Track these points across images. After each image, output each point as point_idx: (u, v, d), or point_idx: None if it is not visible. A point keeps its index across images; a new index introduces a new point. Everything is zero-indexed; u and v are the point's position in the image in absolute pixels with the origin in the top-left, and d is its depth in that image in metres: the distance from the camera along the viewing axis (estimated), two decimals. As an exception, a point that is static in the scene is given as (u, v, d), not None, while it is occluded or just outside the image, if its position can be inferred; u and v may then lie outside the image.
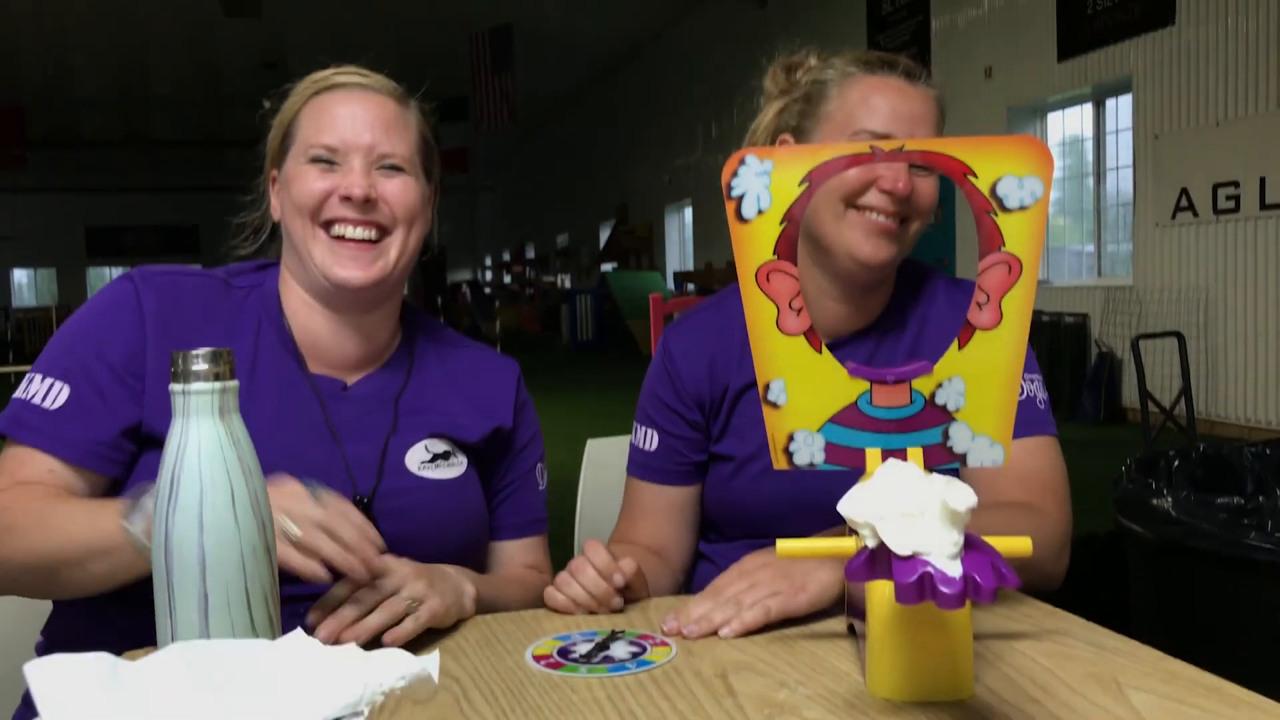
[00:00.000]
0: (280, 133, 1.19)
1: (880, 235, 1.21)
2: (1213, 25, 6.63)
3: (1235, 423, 6.63)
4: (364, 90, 1.17)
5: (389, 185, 1.15)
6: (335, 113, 1.15)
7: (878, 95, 1.22)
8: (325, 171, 1.13)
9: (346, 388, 1.19)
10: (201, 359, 0.70)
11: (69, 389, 1.09)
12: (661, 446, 1.34)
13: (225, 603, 0.71)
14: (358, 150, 1.14)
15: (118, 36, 15.54)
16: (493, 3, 13.63)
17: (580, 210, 22.77)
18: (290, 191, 1.15)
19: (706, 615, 0.98)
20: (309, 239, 1.14)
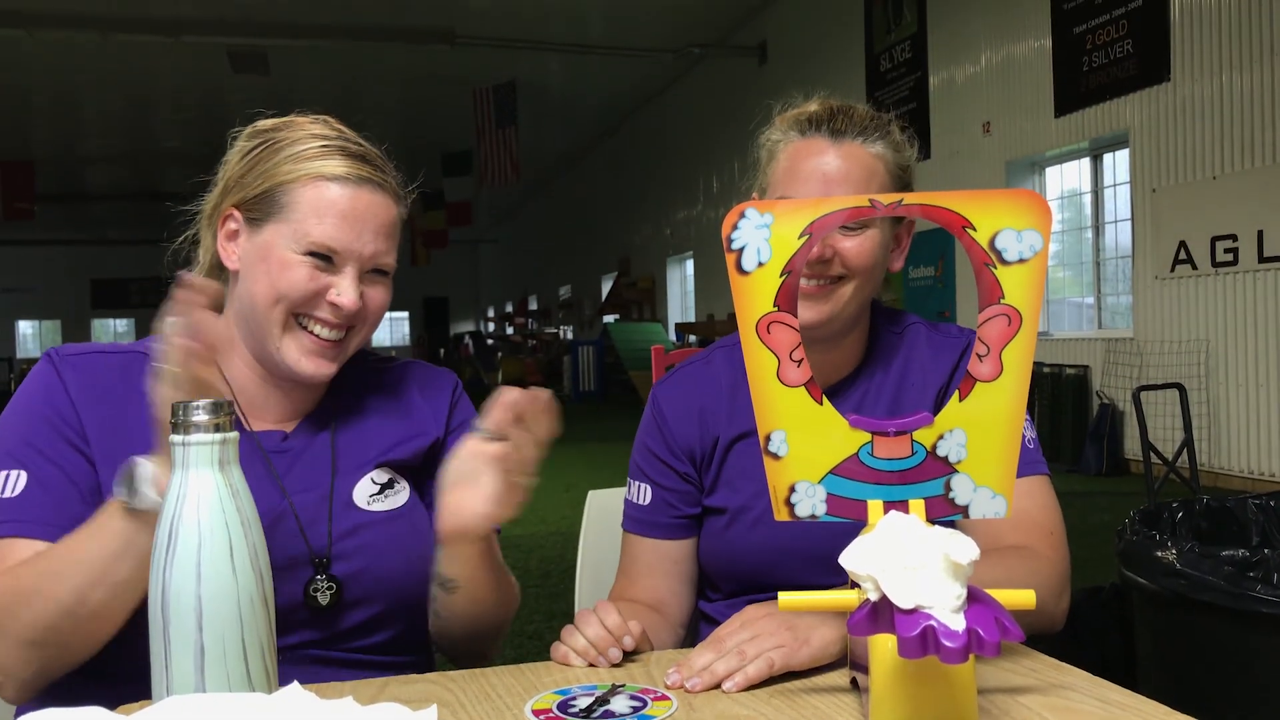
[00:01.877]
0: (262, 186, 1.13)
1: (805, 298, 1.20)
2: (1207, 81, 6.71)
3: (1238, 474, 6.60)
4: (372, 189, 1.13)
5: (373, 293, 1.14)
6: (341, 211, 1.10)
7: (799, 160, 1.24)
8: (318, 269, 1.10)
9: (286, 437, 1.18)
10: (202, 410, 0.71)
11: (25, 473, 1.07)
12: (655, 500, 1.34)
13: (222, 655, 0.70)
14: (357, 258, 1.11)
15: (126, 93, 15.76)
16: (497, 59, 13.83)
17: (582, 262, 22.90)
18: (272, 274, 1.10)
19: (710, 668, 0.96)
20: (277, 326, 1.11)
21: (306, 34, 12.44)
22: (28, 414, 1.11)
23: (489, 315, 34.52)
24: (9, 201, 17.44)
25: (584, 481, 1.96)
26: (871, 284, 1.25)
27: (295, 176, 1.11)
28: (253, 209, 1.13)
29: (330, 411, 1.21)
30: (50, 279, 30.66)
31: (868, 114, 1.26)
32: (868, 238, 1.22)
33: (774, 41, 12.92)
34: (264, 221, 1.12)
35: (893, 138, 1.26)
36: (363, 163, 1.13)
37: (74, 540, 0.98)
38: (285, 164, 1.12)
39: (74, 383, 1.12)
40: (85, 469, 1.09)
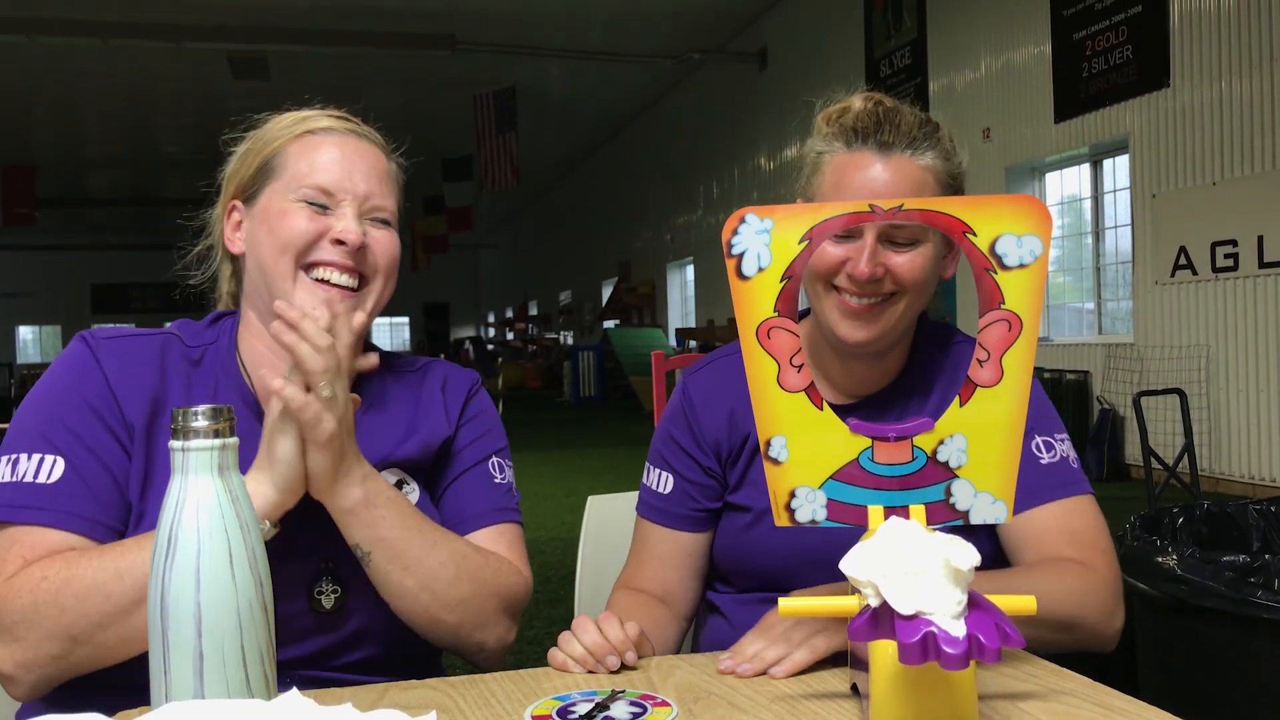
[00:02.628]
0: (255, 163, 1.15)
1: (854, 317, 1.18)
2: (1207, 87, 6.72)
3: (1239, 479, 6.60)
4: (358, 138, 1.16)
5: (377, 235, 1.14)
6: (329, 155, 1.13)
7: (846, 175, 1.19)
8: (316, 213, 1.11)
9: None
10: (201, 416, 0.70)
11: (63, 460, 1.05)
12: (675, 491, 1.32)
13: (221, 661, 0.70)
14: (353, 196, 1.12)
15: (127, 98, 15.78)
16: (497, 65, 13.85)
17: (583, 267, 22.92)
18: (273, 227, 1.11)
19: (760, 654, 1.00)
20: (288, 279, 1.10)
21: (307, 39, 12.45)
22: (62, 397, 1.08)
23: (489, 320, 34.54)
24: (10, 206, 17.46)
25: (584, 487, 1.96)
26: (922, 299, 1.21)
27: (282, 139, 1.14)
28: (249, 187, 1.15)
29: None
30: (51, 284, 30.69)
31: (915, 120, 1.21)
32: (920, 254, 1.17)
33: (774, 47, 12.94)
34: (260, 190, 1.14)
35: (942, 146, 1.21)
36: (345, 119, 1.17)
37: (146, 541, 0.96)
38: (272, 132, 1.16)
39: (112, 367, 1.10)
40: (123, 460, 1.07)
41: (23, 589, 0.97)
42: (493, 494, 1.22)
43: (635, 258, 19.17)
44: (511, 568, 1.17)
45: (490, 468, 1.23)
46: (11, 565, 1.00)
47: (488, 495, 1.22)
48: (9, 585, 0.98)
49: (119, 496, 1.07)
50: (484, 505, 1.21)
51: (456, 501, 1.21)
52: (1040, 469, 1.21)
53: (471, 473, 1.22)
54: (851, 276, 1.16)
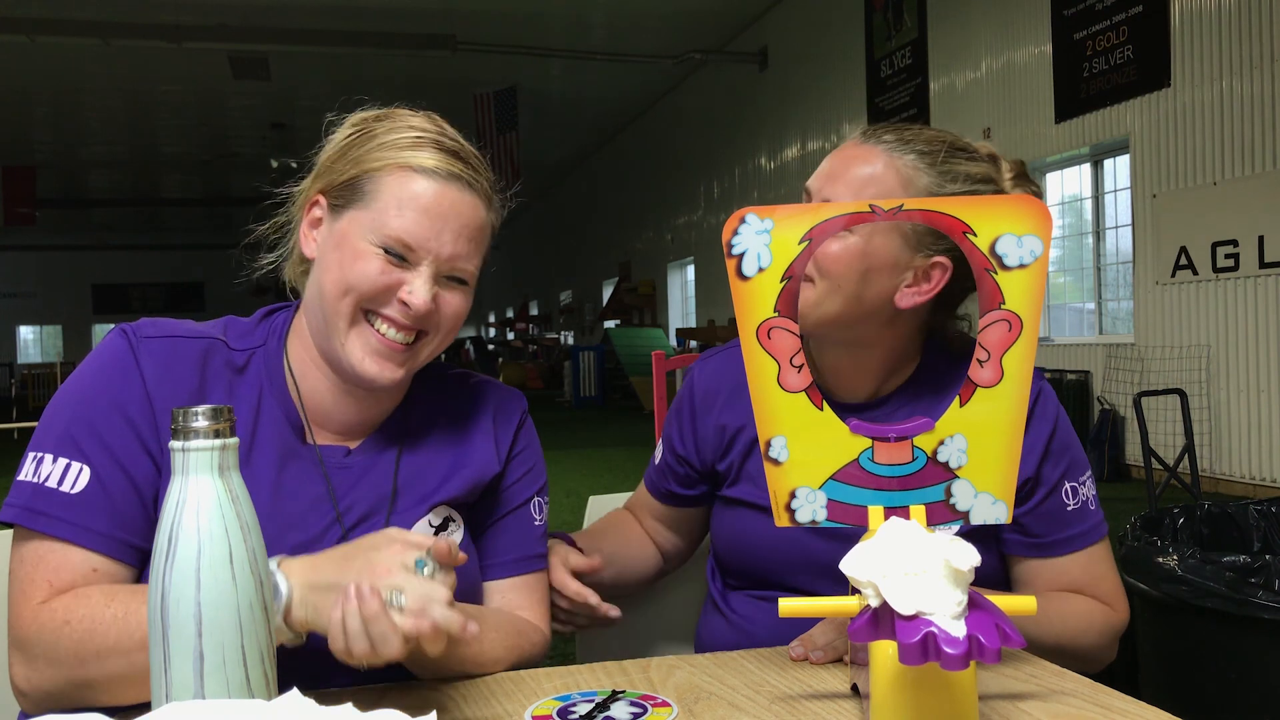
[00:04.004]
0: (349, 173, 1.07)
1: None
2: (1208, 87, 6.72)
3: (1240, 480, 6.60)
4: (460, 187, 1.06)
5: (448, 298, 1.07)
6: (424, 205, 1.03)
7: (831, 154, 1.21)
8: (391, 264, 1.03)
9: (350, 453, 1.12)
10: (201, 416, 0.70)
11: (89, 470, 1.00)
12: (660, 464, 1.41)
13: (221, 661, 0.70)
14: (434, 257, 1.04)
15: (128, 98, 15.78)
16: (497, 65, 13.85)
17: (583, 267, 22.92)
18: (344, 262, 1.04)
19: (831, 644, 1.03)
20: (344, 320, 1.05)
21: (307, 40, 12.45)
22: (95, 397, 1.03)
23: (490, 320, 34.53)
24: (10, 206, 17.47)
25: (584, 487, 1.96)
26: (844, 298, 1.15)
27: (382, 164, 1.05)
28: (338, 195, 1.07)
29: (398, 431, 1.15)
30: (51, 284, 30.71)
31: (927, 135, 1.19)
32: (843, 244, 1.14)
33: (775, 47, 12.94)
34: (345, 208, 1.06)
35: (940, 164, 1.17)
36: (455, 159, 1.07)
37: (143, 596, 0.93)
38: (376, 151, 1.06)
39: (151, 371, 1.04)
40: (152, 474, 1.02)
41: (47, 625, 0.95)
42: (529, 540, 1.20)
43: (636, 258, 19.17)
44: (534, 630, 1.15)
45: (531, 509, 1.21)
46: (38, 590, 0.97)
47: (525, 542, 1.19)
48: (36, 616, 0.96)
49: (143, 512, 1.02)
50: (520, 552, 1.19)
51: (497, 542, 1.19)
52: (1068, 514, 1.20)
53: (514, 515, 1.20)
54: None
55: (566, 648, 1.24)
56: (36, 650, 0.95)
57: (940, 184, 1.16)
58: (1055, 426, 1.21)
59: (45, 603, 0.96)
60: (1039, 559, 1.21)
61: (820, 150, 11.55)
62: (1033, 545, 1.21)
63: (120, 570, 1.01)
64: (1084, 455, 1.24)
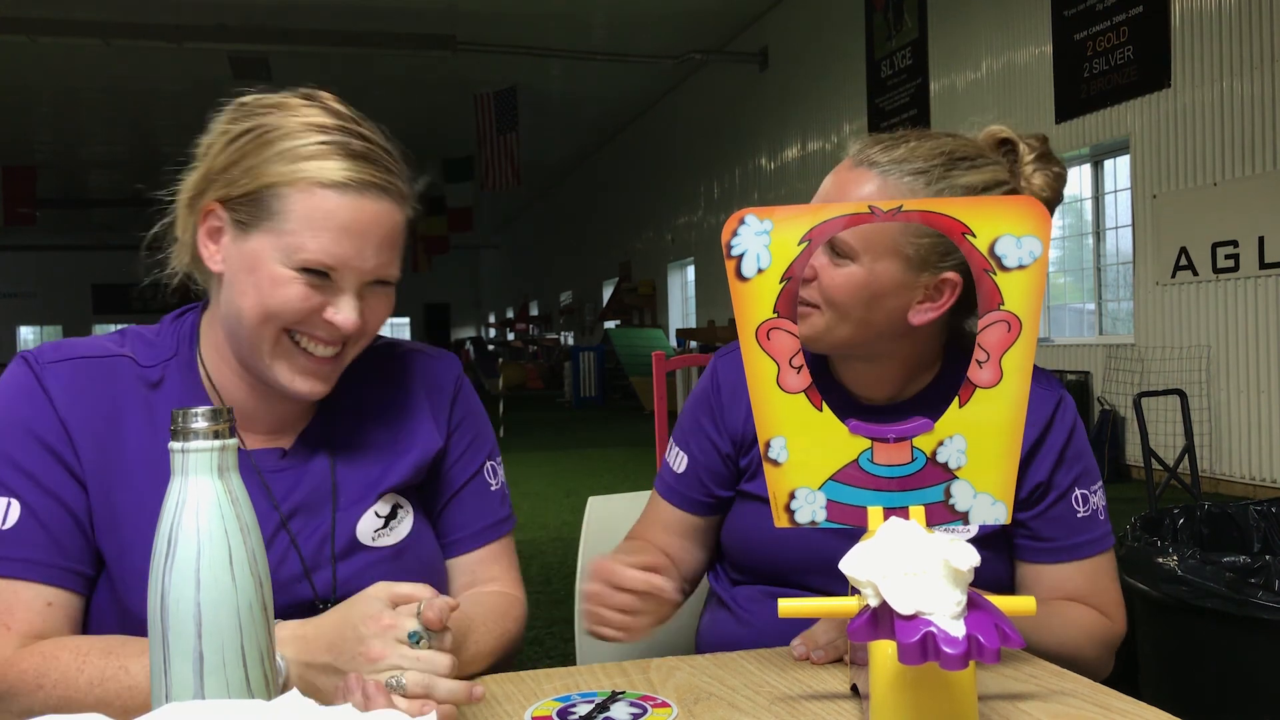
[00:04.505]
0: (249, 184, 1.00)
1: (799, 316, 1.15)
2: (1208, 88, 6.72)
3: (1240, 480, 6.60)
4: (376, 194, 1.00)
5: (374, 304, 1.03)
6: (341, 224, 0.98)
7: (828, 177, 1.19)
8: (312, 287, 0.99)
9: (285, 454, 1.08)
10: (201, 417, 0.70)
11: (17, 503, 0.96)
12: (688, 472, 1.31)
13: (221, 662, 0.70)
14: (357, 274, 1.00)
15: (128, 98, 15.79)
16: (498, 65, 13.85)
17: (583, 268, 22.92)
18: (261, 288, 0.99)
19: (833, 642, 1.03)
20: (268, 344, 1.01)
21: (308, 40, 12.46)
22: (9, 430, 0.99)
23: (490, 321, 34.54)
24: (11, 206, 17.46)
25: (584, 488, 1.96)
26: (854, 324, 1.14)
27: (289, 180, 0.98)
28: (239, 209, 1.00)
29: (328, 422, 1.11)
30: (51, 284, 30.72)
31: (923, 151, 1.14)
32: (844, 273, 1.12)
33: (775, 48, 12.94)
34: (252, 227, 0.99)
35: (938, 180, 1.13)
36: (365, 163, 1.00)
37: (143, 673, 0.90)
38: (277, 163, 0.99)
39: (60, 396, 1.00)
40: (80, 496, 0.99)
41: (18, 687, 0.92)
42: (489, 507, 1.18)
43: (636, 258, 19.18)
44: (519, 610, 1.14)
45: (485, 475, 1.19)
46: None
47: (485, 510, 1.18)
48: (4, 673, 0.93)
49: (82, 537, 0.99)
50: (482, 522, 1.17)
51: (454, 519, 1.16)
52: (1077, 522, 1.21)
53: (468, 488, 1.17)
54: None
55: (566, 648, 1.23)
56: (10, 700, 0.93)
57: None
58: (1071, 434, 1.22)
59: (13, 659, 0.93)
60: (1044, 564, 1.21)
61: (820, 151, 11.55)
62: (1040, 550, 1.21)
63: (74, 601, 0.99)
64: (1097, 466, 1.24)
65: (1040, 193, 1.21)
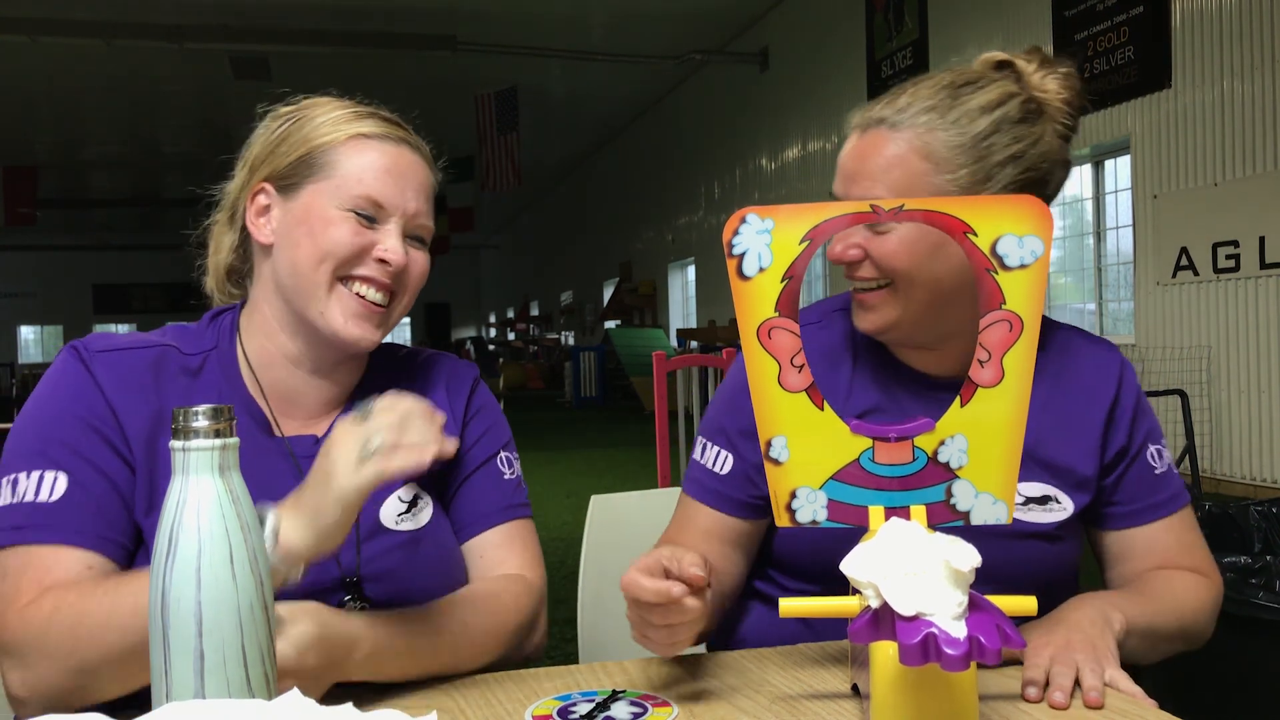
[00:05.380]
0: (297, 153, 1.09)
1: (860, 308, 1.14)
2: (1209, 88, 6.72)
3: (1240, 481, 6.60)
4: (410, 149, 1.12)
5: (415, 256, 1.11)
6: (384, 165, 1.09)
7: (840, 155, 1.15)
8: (362, 226, 1.07)
9: (319, 440, 1.11)
10: (202, 416, 0.70)
11: (65, 476, 1.00)
12: (735, 472, 1.20)
13: (221, 661, 0.70)
14: (401, 214, 1.09)
15: (129, 98, 15.80)
16: (498, 65, 13.85)
17: (584, 268, 22.92)
18: (315, 232, 1.07)
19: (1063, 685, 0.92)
20: (322, 289, 1.07)
21: (308, 40, 12.46)
22: (59, 413, 1.04)
23: (490, 321, 34.55)
24: (11, 206, 17.47)
25: (585, 487, 1.95)
26: (927, 288, 1.09)
27: (334, 137, 1.09)
28: (286, 177, 1.10)
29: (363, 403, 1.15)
30: (52, 284, 30.72)
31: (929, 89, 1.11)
32: (895, 237, 1.08)
33: (775, 48, 12.94)
34: (301, 185, 1.09)
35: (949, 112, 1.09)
36: (397, 126, 1.13)
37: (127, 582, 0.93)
38: (322, 127, 1.10)
39: (109, 383, 1.05)
40: (127, 475, 1.03)
41: (34, 619, 0.94)
42: (502, 491, 1.19)
43: (636, 258, 19.18)
44: (519, 588, 1.13)
45: (499, 463, 1.21)
46: (26, 592, 0.96)
47: (498, 493, 1.19)
48: (21, 615, 0.94)
49: (125, 513, 1.03)
50: (494, 504, 1.18)
51: (467, 503, 1.18)
52: (1156, 479, 1.19)
53: (480, 472, 1.19)
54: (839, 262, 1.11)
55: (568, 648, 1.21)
56: (27, 649, 0.93)
57: (962, 131, 1.09)
58: (1138, 392, 1.21)
59: (31, 602, 0.95)
60: (1135, 528, 1.17)
61: (821, 151, 11.55)
62: (1128, 514, 1.18)
63: (113, 567, 1.00)
64: (1158, 424, 1.23)
65: (1057, 96, 1.15)
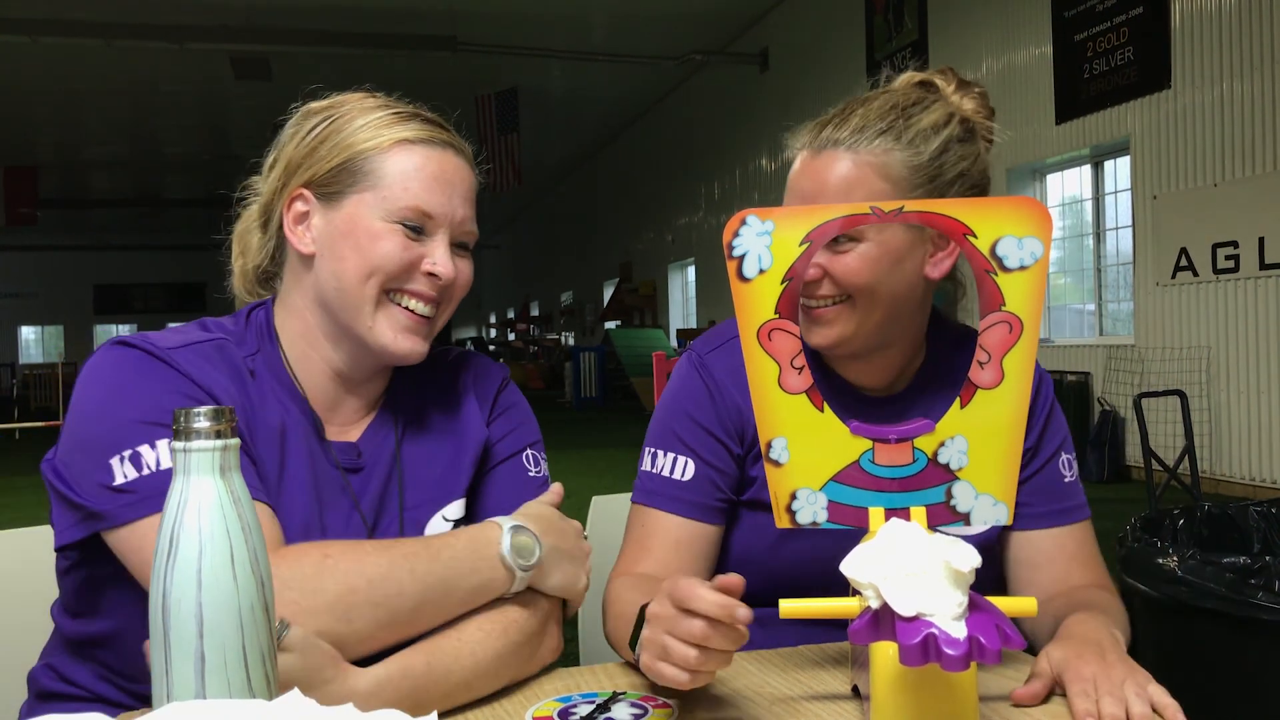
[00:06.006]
0: (337, 159, 1.05)
1: (812, 322, 1.14)
2: (1208, 89, 6.72)
3: (1240, 481, 6.60)
4: (454, 153, 1.08)
5: (461, 265, 1.08)
6: (430, 173, 1.05)
7: (793, 176, 1.16)
8: (410, 239, 1.03)
9: (360, 453, 1.09)
10: (203, 417, 0.70)
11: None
12: (698, 477, 1.19)
13: (222, 662, 0.70)
14: (449, 225, 1.06)
15: (129, 99, 15.79)
16: (499, 66, 13.86)
17: (584, 268, 22.92)
18: (362, 246, 1.03)
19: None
20: (370, 304, 1.04)
21: (309, 40, 12.46)
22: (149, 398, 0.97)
23: (491, 321, 34.55)
24: (12, 206, 17.48)
25: (586, 488, 1.96)
26: (884, 303, 1.12)
27: (377, 143, 1.05)
28: (327, 184, 1.05)
29: (395, 412, 1.13)
30: (53, 284, 30.71)
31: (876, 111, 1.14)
32: (855, 255, 1.09)
33: (775, 49, 12.94)
34: (343, 194, 1.05)
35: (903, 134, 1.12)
36: (439, 128, 1.09)
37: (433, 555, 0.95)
38: (362, 132, 1.06)
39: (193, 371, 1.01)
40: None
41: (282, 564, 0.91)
42: (526, 491, 1.13)
43: (636, 258, 19.17)
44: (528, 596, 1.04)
45: (525, 460, 1.16)
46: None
47: (519, 491, 1.13)
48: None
49: None
50: (514, 502, 1.11)
51: (488, 499, 1.14)
52: (1065, 487, 1.22)
53: (505, 466, 1.15)
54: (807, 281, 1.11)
55: (569, 649, 1.21)
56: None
57: (918, 151, 1.12)
58: (1052, 403, 1.26)
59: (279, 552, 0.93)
60: (1040, 529, 1.19)
61: (821, 151, 11.53)
62: (1035, 515, 1.20)
63: None
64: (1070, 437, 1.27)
65: (975, 115, 1.23)
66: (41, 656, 1.12)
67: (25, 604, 1.25)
